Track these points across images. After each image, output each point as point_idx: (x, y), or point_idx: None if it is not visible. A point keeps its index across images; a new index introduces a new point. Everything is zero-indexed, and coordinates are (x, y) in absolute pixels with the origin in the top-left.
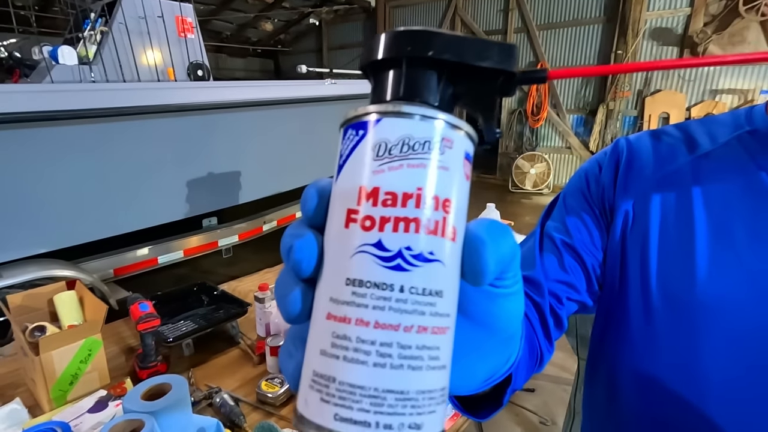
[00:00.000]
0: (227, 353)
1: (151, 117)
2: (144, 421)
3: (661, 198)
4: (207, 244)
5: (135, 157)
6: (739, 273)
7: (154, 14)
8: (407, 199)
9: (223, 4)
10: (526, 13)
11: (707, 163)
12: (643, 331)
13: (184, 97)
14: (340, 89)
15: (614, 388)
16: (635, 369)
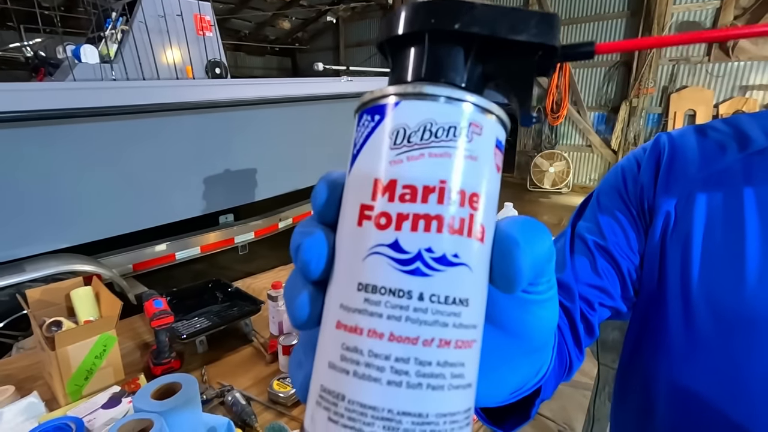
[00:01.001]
0: (240, 351)
1: (170, 114)
2: (153, 420)
3: (707, 198)
4: (223, 240)
5: (154, 153)
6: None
7: (174, 13)
8: (428, 194)
9: (241, 2)
10: (546, 8)
11: (761, 161)
12: (683, 341)
13: (203, 94)
14: (357, 86)
15: (649, 401)
16: (673, 382)
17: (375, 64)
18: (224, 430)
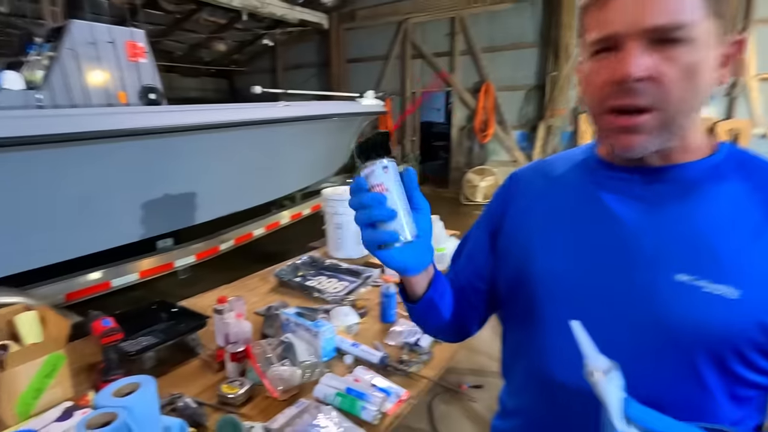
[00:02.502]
0: (188, 363)
1: (102, 142)
2: (117, 413)
3: (528, 208)
4: (162, 265)
5: (85, 181)
6: (563, 250)
7: (104, 39)
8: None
9: (174, 24)
10: (470, 37)
11: (557, 181)
12: (509, 301)
13: (137, 121)
14: (294, 111)
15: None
16: (507, 330)
17: (312, 87)
18: (178, 429)
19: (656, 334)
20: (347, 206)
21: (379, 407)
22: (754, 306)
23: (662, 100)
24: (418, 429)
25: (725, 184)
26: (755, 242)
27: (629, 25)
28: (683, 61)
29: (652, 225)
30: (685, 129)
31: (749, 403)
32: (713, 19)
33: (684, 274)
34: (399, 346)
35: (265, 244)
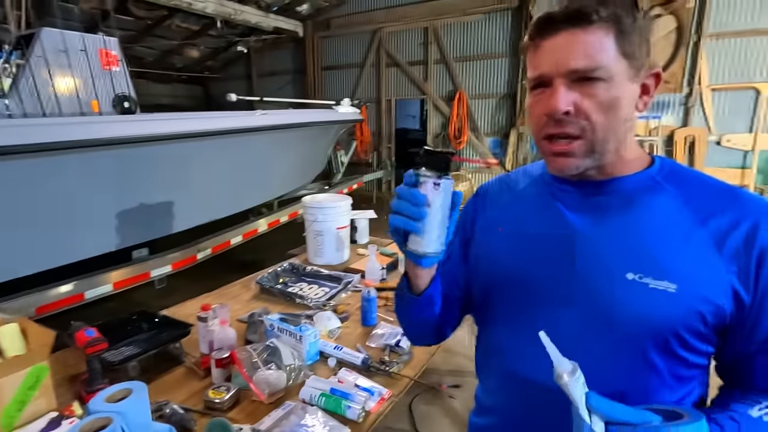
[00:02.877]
0: (173, 371)
1: (74, 152)
2: (112, 418)
3: (496, 219)
4: (138, 275)
5: (57, 192)
6: (528, 257)
7: (76, 48)
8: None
9: (145, 30)
10: (443, 47)
11: (520, 194)
12: (482, 305)
13: (111, 130)
14: (271, 119)
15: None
16: (480, 332)
17: (288, 94)
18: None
19: (612, 326)
20: (327, 214)
21: (363, 406)
22: (689, 297)
23: (587, 129)
24: (400, 429)
25: (660, 196)
26: (686, 245)
27: (555, 68)
28: (602, 96)
29: (602, 233)
30: (615, 149)
31: (691, 380)
32: (624, 60)
33: (632, 273)
34: (380, 347)
35: (240, 253)
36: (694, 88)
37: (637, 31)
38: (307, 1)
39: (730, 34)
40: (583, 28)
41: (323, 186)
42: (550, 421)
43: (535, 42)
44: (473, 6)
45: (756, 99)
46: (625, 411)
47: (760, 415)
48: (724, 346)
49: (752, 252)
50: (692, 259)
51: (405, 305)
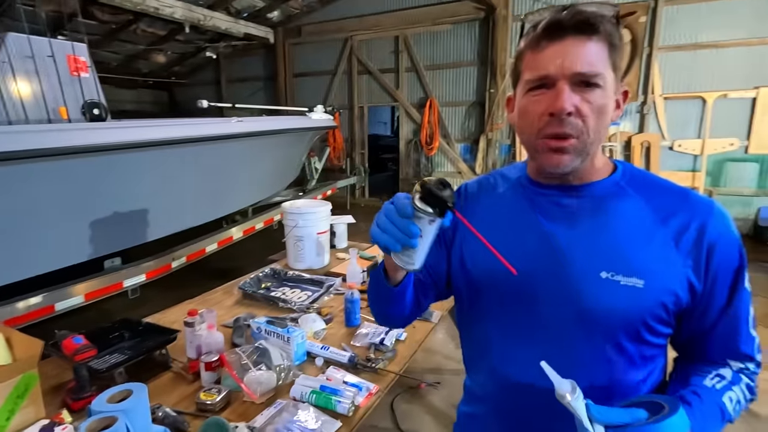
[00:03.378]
0: (161, 377)
1: (42, 160)
2: (117, 417)
3: (477, 221)
4: (111, 286)
5: (25, 202)
6: (508, 257)
7: (43, 53)
8: None
9: (109, 35)
10: (414, 55)
11: (499, 198)
12: (469, 302)
13: (81, 138)
14: (247, 126)
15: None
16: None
17: (259, 100)
18: None
19: (589, 320)
20: (307, 219)
21: (352, 400)
22: (654, 291)
23: (583, 130)
24: (383, 427)
25: (625, 200)
26: (650, 243)
27: (561, 70)
28: (597, 101)
29: (576, 235)
30: (594, 153)
31: (655, 358)
32: (613, 72)
33: (605, 272)
34: (365, 346)
35: (215, 261)
36: (648, 97)
37: (621, 49)
38: (277, 7)
39: (677, 47)
40: (588, 36)
41: (297, 192)
42: (536, 412)
43: (540, 44)
44: (442, 16)
45: (703, 107)
46: (619, 414)
47: (713, 384)
48: (681, 327)
49: (702, 247)
50: (655, 257)
51: (379, 291)
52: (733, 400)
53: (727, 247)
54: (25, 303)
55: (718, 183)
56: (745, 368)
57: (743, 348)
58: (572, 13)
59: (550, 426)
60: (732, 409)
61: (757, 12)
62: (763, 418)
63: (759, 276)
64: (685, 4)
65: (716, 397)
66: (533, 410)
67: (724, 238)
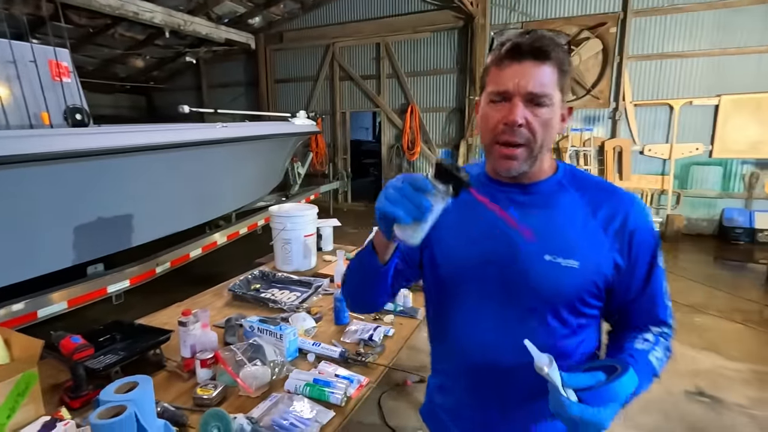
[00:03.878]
0: (156, 376)
1: (24, 166)
2: (126, 405)
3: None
4: (94, 291)
5: (6, 208)
6: (470, 245)
7: (25, 59)
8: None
9: (85, 39)
10: (395, 62)
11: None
12: (435, 287)
13: (63, 143)
14: (231, 132)
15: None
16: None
17: (240, 105)
18: (164, 428)
19: (536, 296)
20: (295, 222)
21: (345, 391)
22: (588, 270)
23: (531, 139)
24: (370, 423)
25: (566, 194)
26: (584, 231)
27: (516, 88)
28: (545, 116)
29: (526, 224)
30: (542, 158)
31: (589, 327)
32: (560, 92)
33: (549, 255)
34: (355, 342)
35: (198, 266)
36: (619, 104)
37: (569, 73)
38: (259, 13)
39: (645, 56)
40: (542, 61)
41: (281, 197)
42: (492, 381)
43: (503, 63)
44: (422, 24)
45: (670, 113)
46: (584, 378)
47: (642, 347)
48: (611, 300)
49: (626, 233)
50: (589, 242)
51: (365, 271)
52: (658, 357)
53: (645, 234)
54: (7, 310)
55: (686, 186)
56: (662, 332)
57: (661, 315)
58: (531, 39)
59: (507, 392)
60: (657, 365)
61: (718, 24)
62: (728, 404)
63: (723, 273)
64: (652, 15)
65: (645, 356)
66: (492, 377)
67: (642, 226)
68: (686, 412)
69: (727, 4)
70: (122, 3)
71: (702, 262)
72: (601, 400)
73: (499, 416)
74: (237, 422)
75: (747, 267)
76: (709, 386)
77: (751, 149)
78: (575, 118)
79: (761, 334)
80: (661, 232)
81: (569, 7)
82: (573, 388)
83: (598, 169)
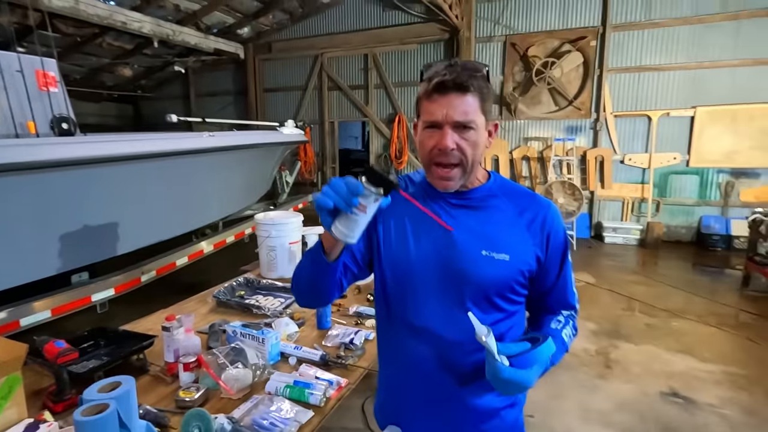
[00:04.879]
0: (139, 380)
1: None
2: (108, 404)
3: (398, 210)
4: (78, 300)
5: None
6: (416, 244)
7: (12, 69)
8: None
9: (72, 47)
10: (382, 73)
11: (410, 195)
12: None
13: (48, 153)
14: (220, 141)
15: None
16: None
17: (229, 114)
18: (145, 429)
19: (475, 287)
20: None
21: (324, 392)
22: (516, 263)
23: (463, 159)
24: (354, 428)
25: (496, 200)
26: (512, 230)
27: (444, 118)
28: (472, 139)
29: (465, 226)
30: (475, 171)
31: (517, 312)
32: (483, 116)
33: (485, 251)
34: (336, 346)
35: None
36: (600, 114)
37: (490, 97)
38: (248, 24)
39: (624, 69)
40: (463, 93)
41: (269, 206)
42: (439, 364)
43: (432, 96)
44: (409, 36)
45: (649, 124)
46: (515, 347)
47: (555, 326)
48: (532, 288)
49: (544, 232)
50: (516, 239)
51: (314, 268)
52: (567, 335)
53: (558, 233)
54: None
55: (665, 194)
56: (571, 314)
57: (570, 300)
58: (453, 75)
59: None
60: (567, 340)
61: (693, 39)
62: (700, 404)
63: (702, 279)
64: (630, 30)
65: (559, 333)
66: (439, 359)
67: (556, 227)
68: (661, 412)
69: (702, 20)
70: (110, 13)
71: (681, 268)
72: (527, 363)
73: (445, 404)
74: (218, 422)
75: (724, 273)
76: (682, 387)
77: (726, 159)
78: (558, 128)
79: (734, 337)
80: (641, 239)
81: (551, 21)
82: (506, 355)
83: (580, 178)
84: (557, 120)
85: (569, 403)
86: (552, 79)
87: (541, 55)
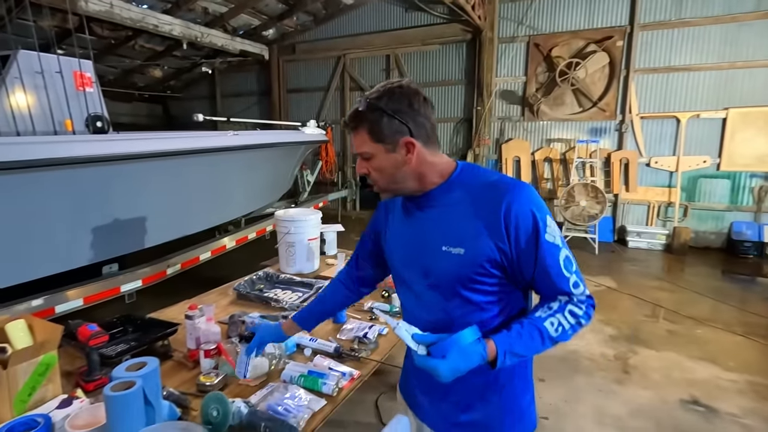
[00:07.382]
0: (163, 365)
1: (48, 169)
2: (135, 381)
3: (391, 221)
4: (108, 290)
5: (30, 208)
6: (399, 242)
7: (52, 69)
8: None
9: (107, 49)
10: (404, 73)
11: (398, 204)
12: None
13: (83, 149)
14: (243, 140)
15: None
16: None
17: (253, 114)
18: (168, 409)
19: (439, 279)
20: (299, 226)
21: (336, 383)
22: (472, 255)
23: (377, 180)
24: (367, 422)
25: (453, 194)
26: (468, 223)
27: (354, 150)
28: (373, 165)
29: (428, 224)
30: (411, 182)
31: (495, 303)
32: (377, 144)
33: (444, 246)
34: (350, 339)
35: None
36: (626, 116)
37: (385, 124)
38: (273, 26)
39: (652, 70)
40: (356, 129)
41: (289, 204)
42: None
43: (348, 132)
44: (431, 37)
45: (677, 126)
46: (431, 336)
47: (539, 314)
48: (515, 277)
49: (510, 221)
50: (472, 232)
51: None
52: (554, 324)
53: (523, 219)
54: (27, 305)
55: (693, 198)
56: (568, 300)
57: (561, 286)
58: (348, 116)
59: None
60: (554, 330)
61: (726, 38)
62: (721, 414)
63: (731, 286)
64: (659, 29)
65: (538, 322)
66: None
67: (520, 213)
68: (679, 420)
69: (735, 18)
70: (143, 16)
71: (708, 275)
72: (440, 351)
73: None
74: (235, 405)
75: (755, 281)
76: (704, 396)
77: (759, 162)
78: (582, 129)
79: (762, 347)
80: (667, 244)
81: (576, 21)
82: (423, 344)
83: (604, 180)
84: (581, 121)
85: (584, 407)
86: (576, 80)
87: (565, 56)
